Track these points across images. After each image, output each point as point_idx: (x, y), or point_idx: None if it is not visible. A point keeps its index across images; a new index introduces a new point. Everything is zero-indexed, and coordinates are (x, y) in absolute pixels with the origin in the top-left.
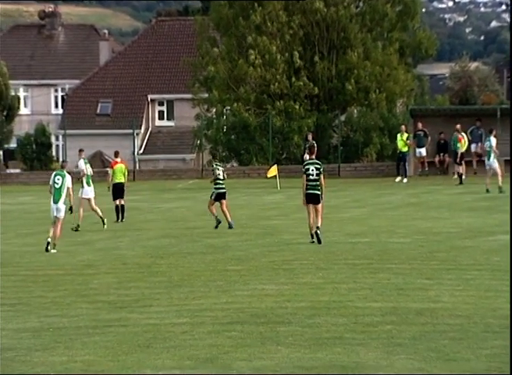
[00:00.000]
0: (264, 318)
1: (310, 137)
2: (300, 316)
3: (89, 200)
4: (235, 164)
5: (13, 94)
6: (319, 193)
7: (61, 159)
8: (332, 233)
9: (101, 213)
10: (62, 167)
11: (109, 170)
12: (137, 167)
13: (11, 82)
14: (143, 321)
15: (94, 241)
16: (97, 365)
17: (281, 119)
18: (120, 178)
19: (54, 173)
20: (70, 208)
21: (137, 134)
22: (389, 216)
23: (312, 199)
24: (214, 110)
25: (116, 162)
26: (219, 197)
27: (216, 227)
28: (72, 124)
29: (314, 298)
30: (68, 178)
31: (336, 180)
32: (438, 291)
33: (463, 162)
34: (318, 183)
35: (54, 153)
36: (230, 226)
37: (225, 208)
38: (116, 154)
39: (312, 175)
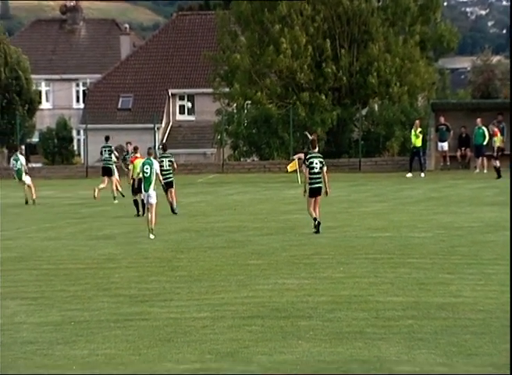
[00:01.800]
0: (285, 312)
1: (314, 135)
2: (320, 310)
3: None
4: (255, 158)
5: (35, 88)
6: (322, 186)
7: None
8: (353, 228)
9: None
10: (149, 154)
11: (130, 166)
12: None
13: (33, 76)
14: (163, 315)
15: (116, 235)
16: (119, 358)
17: (305, 111)
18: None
19: (142, 162)
20: (163, 187)
21: (158, 129)
22: (410, 210)
23: (317, 192)
24: (235, 105)
25: (136, 158)
26: (165, 185)
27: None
28: (93, 119)
29: (335, 293)
30: (156, 165)
31: (357, 174)
32: (459, 286)
33: (498, 155)
34: (320, 175)
35: (75, 147)
36: (174, 212)
37: (169, 196)
38: (136, 149)
39: (316, 168)
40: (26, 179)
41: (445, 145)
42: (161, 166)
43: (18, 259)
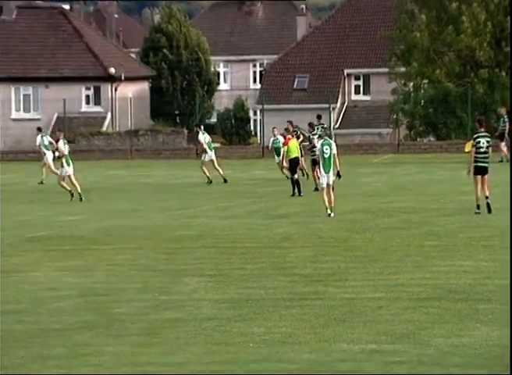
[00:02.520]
0: (463, 294)
1: (503, 111)
2: (500, 293)
3: (69, 176)
4: (432, 138)
5: (213, 69)
6: (488, 165)
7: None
8: None
9: (79, 189)
10: (326, 135)
11: (285, 148)
12: None
13: (211, 58)
14: (338, 295)
15: (290, 214)
16: (295, 337)
17: (483, 88)
18: (295, 153)
19: (320, 142)
20: (338, 174)
21: (333, 109)
22: None
23: (482, 171)
24: (411, 84)
25: (290, 139)
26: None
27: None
28: (269, 99)
29: None
30: (334, 146)
31: None
32: None
33: None
34: (487, 155)
35: (252, 128)
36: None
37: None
38: (288, 131)
39: (483, 148)
40: (212, 153)
41: None
42: (314, 135)
43: (197, 237)
